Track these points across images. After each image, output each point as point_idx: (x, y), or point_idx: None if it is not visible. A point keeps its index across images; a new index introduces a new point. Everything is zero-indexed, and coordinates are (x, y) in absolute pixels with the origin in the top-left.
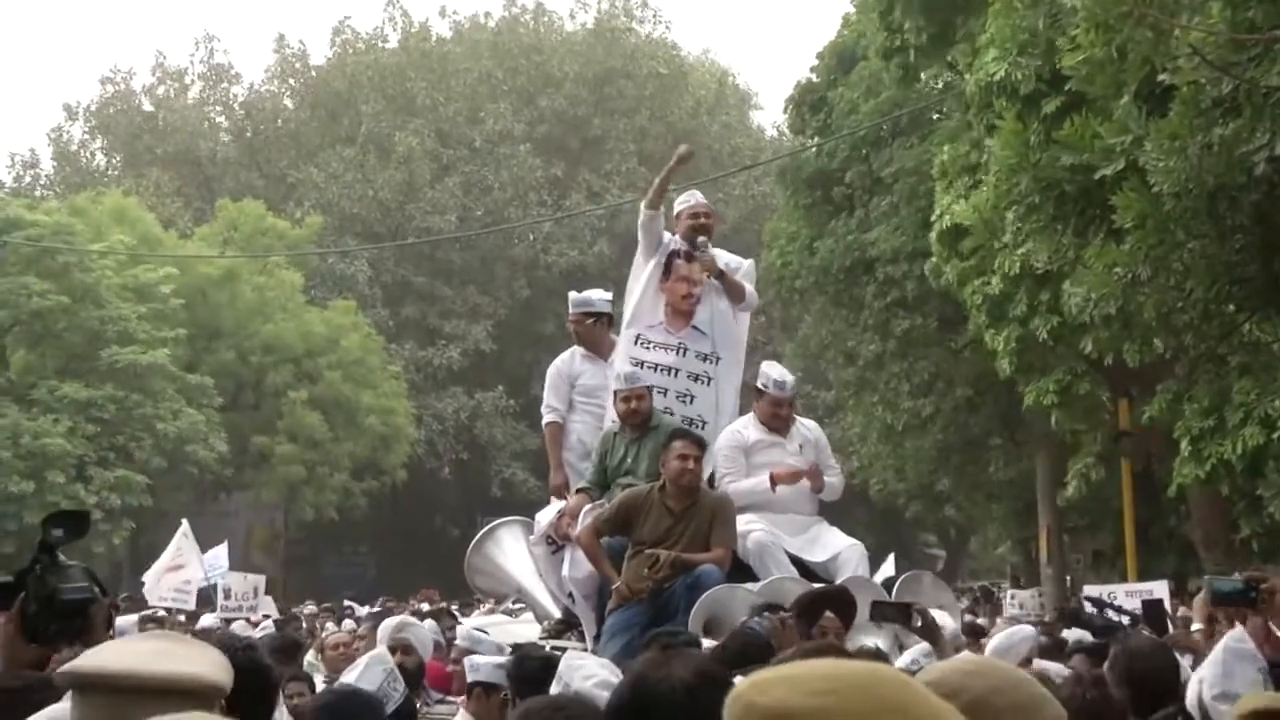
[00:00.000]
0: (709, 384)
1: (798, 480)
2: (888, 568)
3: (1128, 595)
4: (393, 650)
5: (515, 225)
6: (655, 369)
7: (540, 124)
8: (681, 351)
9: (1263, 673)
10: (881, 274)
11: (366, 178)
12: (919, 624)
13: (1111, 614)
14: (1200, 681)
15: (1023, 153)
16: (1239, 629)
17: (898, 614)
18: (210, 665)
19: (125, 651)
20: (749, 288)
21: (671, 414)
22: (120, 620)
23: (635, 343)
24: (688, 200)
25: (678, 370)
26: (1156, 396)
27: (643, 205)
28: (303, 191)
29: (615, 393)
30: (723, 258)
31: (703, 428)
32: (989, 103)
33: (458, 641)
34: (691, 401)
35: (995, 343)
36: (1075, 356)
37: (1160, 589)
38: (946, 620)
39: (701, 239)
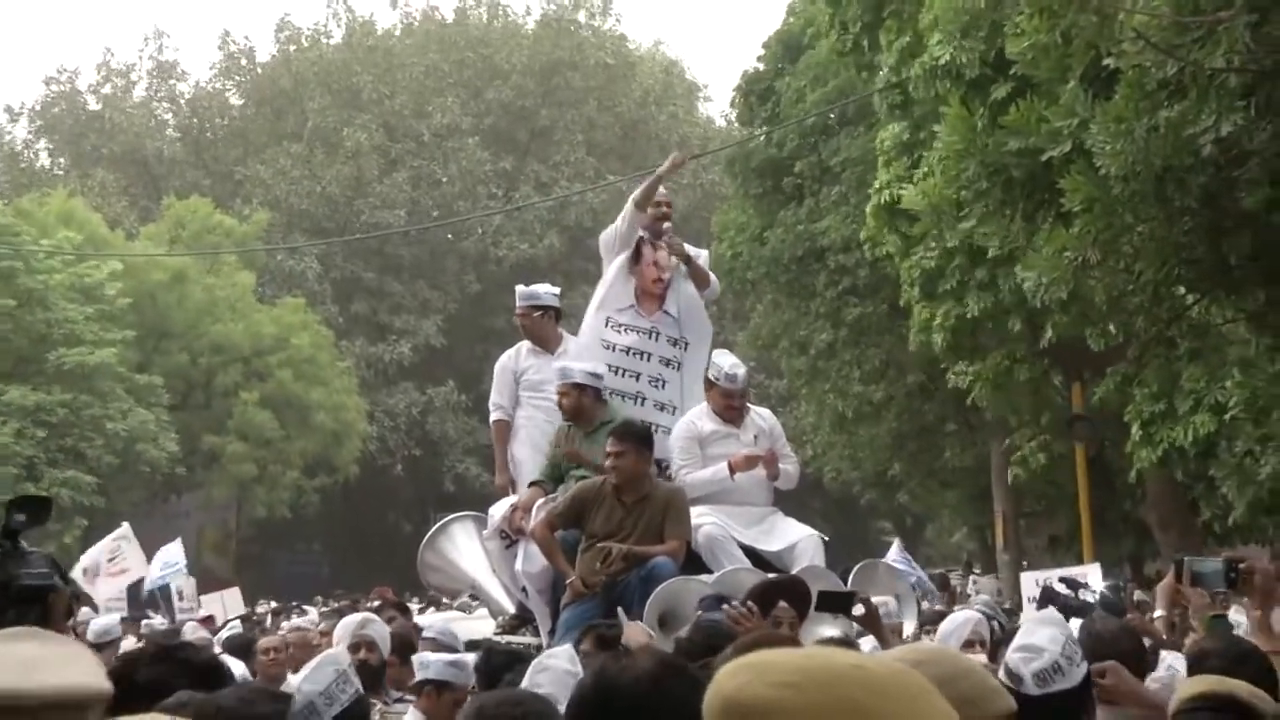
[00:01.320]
0: (678, 369)
1: (755, 466)
2: (894, 554)
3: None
4: (355, 648)
5: (464, 219)
6: (627, 352)
7: (488, 116)
8: (654, 335)
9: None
10: (832, 262)
11: (314, 173)
12: (861, 613)
13: (1086, 595)
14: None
15: (969, 138)
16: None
17: (839, 603)
18: (88, 670)
19: None
20: (712, 275)
21: (643, 399)
22: (101, 620)
23: (606, 325)
24: None
25: (650, 354)
26: (1105, 379)
27: (630, 202)
28: (250, 188)
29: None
30: (686, 245)
31: (673, 413)
32: (932, 87)
33: (427, 634)
34: (663, 386)
35: (923, 316)
36: (1014, 339)
37: (1094, 573)
38: (897, 607)
39: (666, 226)
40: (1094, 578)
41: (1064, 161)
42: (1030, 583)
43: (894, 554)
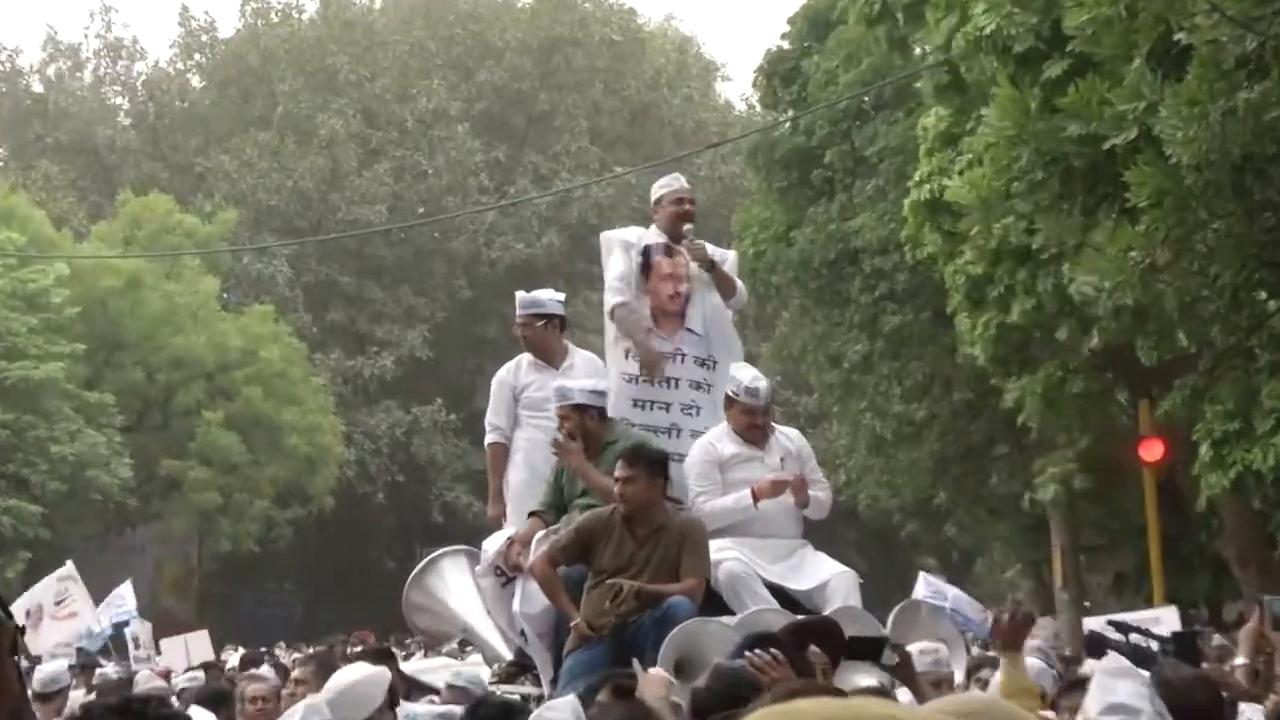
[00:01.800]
0: (709, 391)
1: (781, 492)
2: (924, 588)
3: (1110, 624)
4: None
5: (453, 216)
6: (653, 381)
7: (479, 101)
8: (679, 359)
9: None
10: (868, 265)
11: (284, 165)
12: (894, 661)
13: (1139, 638)
14: None
15: (1022, 122)
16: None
17: (869, 649)
18: None
19: None
20: (739, 282)
21: (678, 430)
22: (48, 667)
23: (627, 357)
24: (670, 185)
25: (678, 380)
26: (1173, 392)
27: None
28: (212, 182)
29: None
30: (708, 248)
31: None
32: (977, 61)
33: (455, 683)
34: (697, 414)
35: (967, 327)
36: (1068, 348)
37: (1169, 616)
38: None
39: (687, 227)
40: (1169, 623)
41: (1129, 150)
42: (1099, 627)
43: (924, 588)
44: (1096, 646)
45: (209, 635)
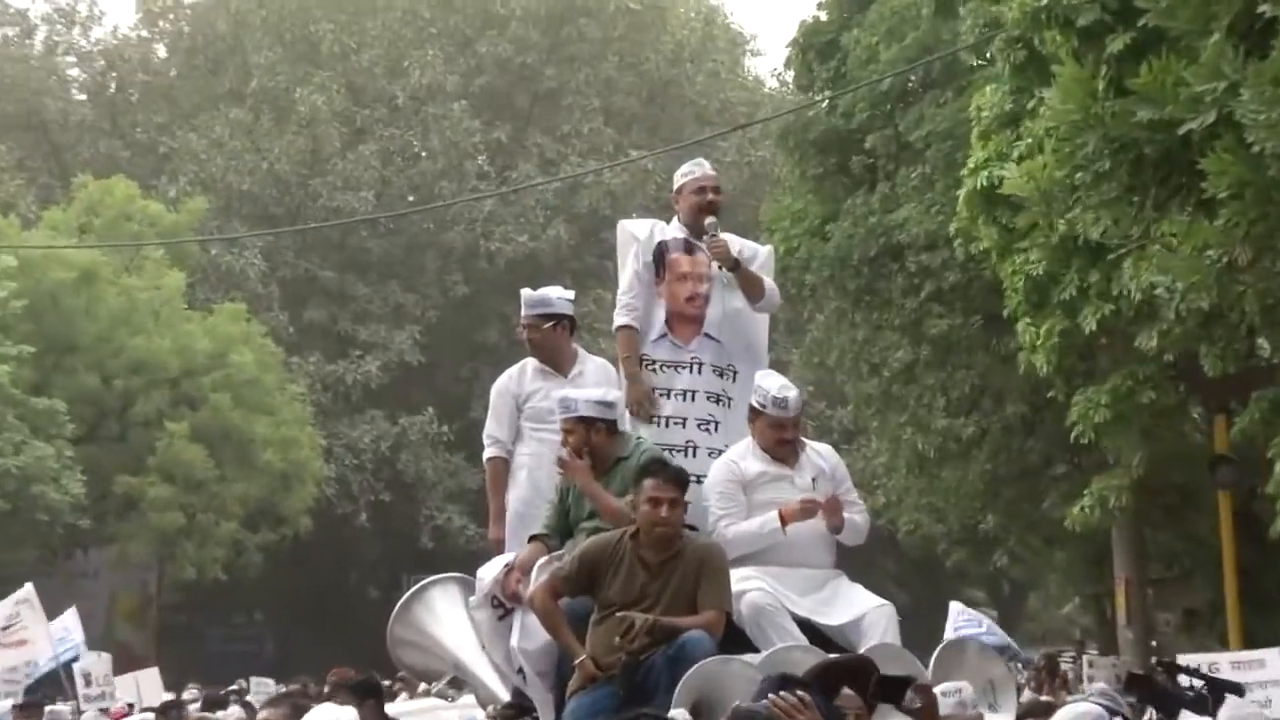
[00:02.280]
0: (728, 405)
1: (813, 515)
2: (954, 616)
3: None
4: None
5: (449, 204)
6: (668, 395)
7: (479, 75)
8: (695, 368)
9: None
10: (913, 263)
11: (258, 146)
12: (916, 704)
13: (1190, 680)
14: None
15: (1088, 106)
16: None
17: (890, 690)
18: None
19: None
20: (769, 282)
21: (694, 448)
22: None
23: (643, 368)
24: (691, 171)
25: (694, 393)
26: (1250, 406)
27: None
28: (178, 164)
29: None
30: (734, 244)
31: None
32: (1035, 31)
33: None
34: (715, 429)
35: (1029, 334)
36: (1134, 356)
37: (1274, 660)
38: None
39: (711, 220)
40: (1276, 667)
41: (1207, 136)
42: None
43: (957, 618)
44: (1142, 692)
45: (167, 672)
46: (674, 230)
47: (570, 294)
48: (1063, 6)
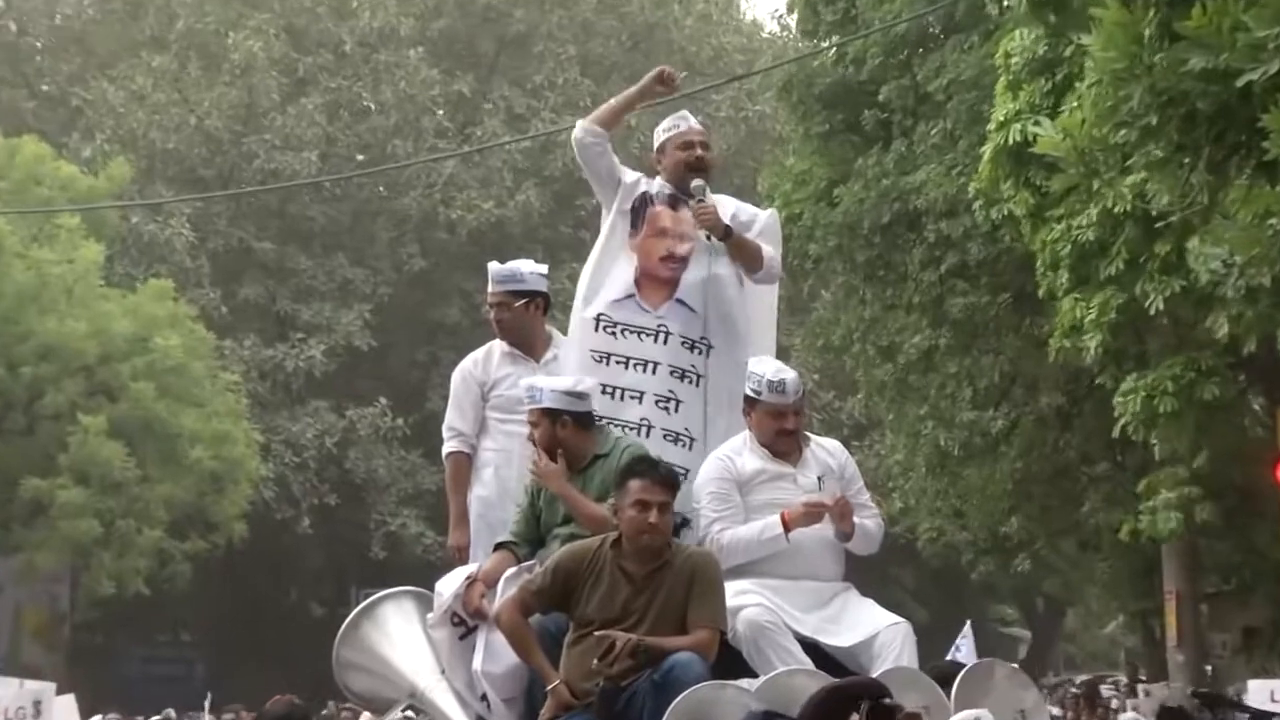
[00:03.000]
0: (697, 384)
1: (819, 518)
2: (966, 647)
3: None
4: None
5: (403, 165)
6: (626, 364)
7: (437, 18)
8: (661, 337)
9: None
10: (931, 232)
11: (186, 98)
12: None
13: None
14: None
15: (1133, 54)
16: None
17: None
18: None
19: None
20: (769, 250)
21: (648, 427)
22: None
23: (596, 328)
24: (676, 125)
25: (655, 365)
26: None
27: (584, 120)
28: (93, 119)
29: None
30: (728, 207)
31: (688, 446)
32: None
33: None
34: (675, 409)
35: (1078, 311)
36: (1201, 342)
37: None
38: None
39: (698, 182)
40: None
41: (1268, 88)
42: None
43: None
44: None
45: (81, 699)
46: (653, 185)
47: (543, 268)
48: None
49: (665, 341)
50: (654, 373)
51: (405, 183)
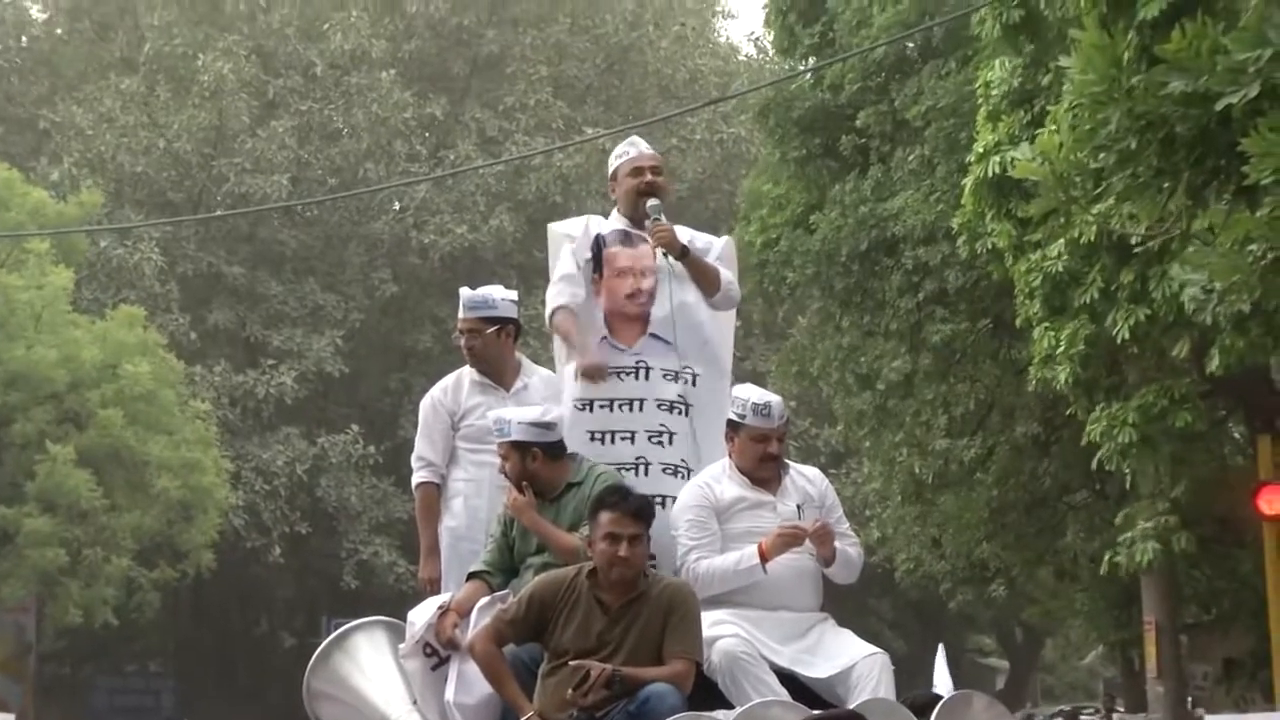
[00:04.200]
0: (685, 414)
1: (798, 543)
2: (942, 676)
3: None
4: None
5: (375, 190)
6: (611, 406)
7: (409, 39)
8: (641, 373)
9: None
10: (909, 259)
11: (155, 121)
12: None
13: None
14: None
15: (1112, 77)
16: None
17: None
18: None
19: None
20: (727, 274)
21: (646, 465)
22: None
23: (576, 377)
24: (626, 152)
25: (641, 401)
26: None
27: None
28: (61, 142)
29: None
30: (683, 235)
31: (687, 476)
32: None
33: None
34: (670, 441)
35: (1047, 341)
36: (1169, 370)
37: None
38: None
39: (653, 203)
40: None
41: (1249, 112)
42: None
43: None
44: None
45: None
46: (612, 223)
47: (514, 295)
48: None
49: (647, 377)
50: (641, 409)
51: (377, 207)
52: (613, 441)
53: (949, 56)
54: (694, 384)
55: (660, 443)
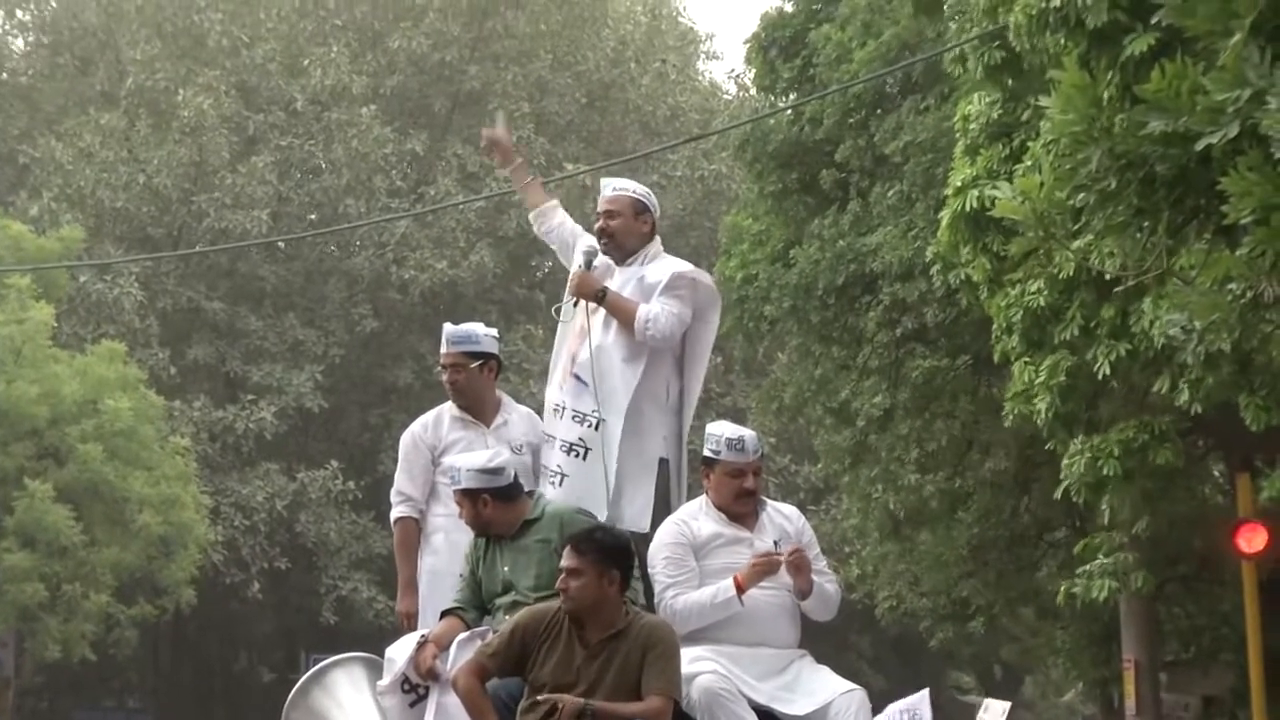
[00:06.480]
0: (583, 457)
1: (773, 571)
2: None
3: None
4: None
5: (355, 226)
6: (551, 442)
7: (390, 76)
8: (562, 412)
9: None
10: (888, 294)
11: (135, 156)
12: None
13: None
14: None
15: (1092, 117)
16: None
17: None
18: None
19: None
20: (647, 310)
21: (547, 502)
22: None
23: (562, 387)
24: (601, 192)
25: (554, 439)
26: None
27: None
28: (40, 177)
29: None
30: (660, 269)
31: None
32: (1039, 40)
33: None
34: (561, 483)
35: (1026, 375)
36: (1148, 406)
37: None
38: None
39: (588, 247)
40: None
41: (1228, 151)
42: None
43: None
44: None
45: None
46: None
47: (494, 332)
48: (1075, 7)
49: (563, 417)
50: (555, 448)
51: (357, 242)
52: (545, 475)
53: (928, 92)
54: (597, 430)
55: (553, 482)
